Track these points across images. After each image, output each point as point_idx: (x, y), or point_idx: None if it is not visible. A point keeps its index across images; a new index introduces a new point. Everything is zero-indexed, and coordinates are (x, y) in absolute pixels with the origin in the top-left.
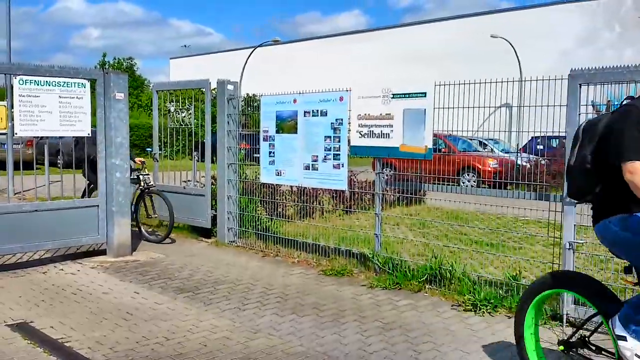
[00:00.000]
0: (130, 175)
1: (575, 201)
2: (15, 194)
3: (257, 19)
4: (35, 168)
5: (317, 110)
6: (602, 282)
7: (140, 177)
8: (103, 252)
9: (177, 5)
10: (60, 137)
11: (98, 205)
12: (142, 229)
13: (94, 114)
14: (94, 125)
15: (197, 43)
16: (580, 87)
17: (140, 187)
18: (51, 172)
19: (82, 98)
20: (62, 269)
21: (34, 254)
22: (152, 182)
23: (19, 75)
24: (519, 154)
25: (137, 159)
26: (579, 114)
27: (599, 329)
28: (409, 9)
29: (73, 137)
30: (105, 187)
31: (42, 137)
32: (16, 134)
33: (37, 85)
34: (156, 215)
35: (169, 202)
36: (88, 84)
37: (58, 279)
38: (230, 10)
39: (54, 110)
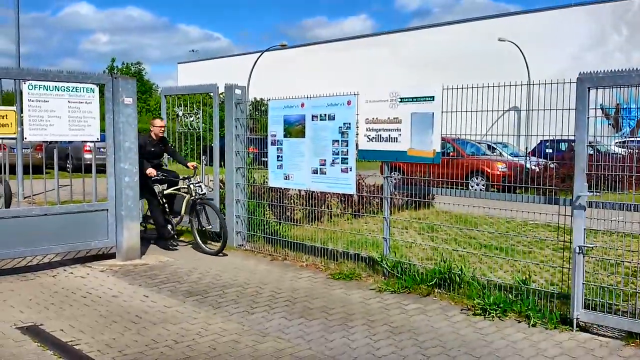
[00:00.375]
0: (181, 183)
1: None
2: (25, 198)
3: (264, 24)
4: (44, 172)
5: (325, 115)
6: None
7: (191, 187)
8: (112, 256)
9: (185, 11)
10: (70, 142)
11: (107, 210)
12: (199, 240)
13: (102, 118)
14: (102, 130)
15: (205, 48)
16: (589, 90)
17: (193, 198)
18: (60, 177)
19: (91, 103)
20: (71, 273)
21: (44, 257)
22: (204, 191)
23: (28, 80)
24: (528, 158)
25: (189, 164)
26: (588, 118)
27: None
28: (417, 13)
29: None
30: (114, 191)
31: (51, 142)
32: (25, 138)
33: (46, 90)
34: (210, 227)
35: (220, 213)
36: (97, 89)
37: (67, 282)
38: (237, 16)
39: (63, 115)
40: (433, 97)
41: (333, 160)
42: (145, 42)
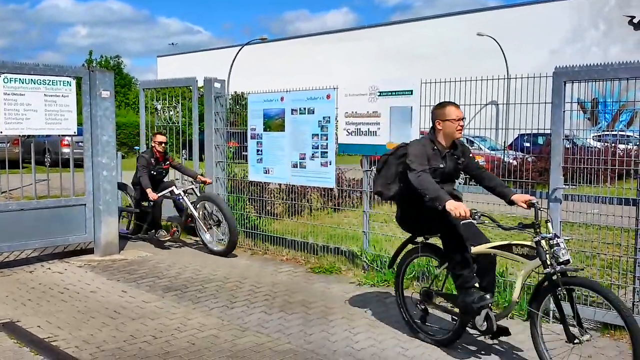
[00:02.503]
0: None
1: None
2: (2, 193)
3: (246, 17)
4: (21, 167)
5: (305, 108)
6: None
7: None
8: (90, 251)
9: (165, 4)
10: (47, 136)
11: (85, 204)
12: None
13: (80, 112)
14: (80, 123)
15: (185, 41)
16: (565, 84)
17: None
18: (38, 171)
19: (67, 96)
20: (49, 268)
21: (21, 253)
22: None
23: (4, 73)
24: (506, 151)
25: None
26: (564, 111)
27: None
28: (398, 7)
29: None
30: (92, 186)
31: (28, 136)
32: (1, 132)
33: (22, 83)
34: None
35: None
36: (74, 82)
37: (45, 277)
38: (219, 9)
39: (39, 108)
40: (411, 90)
41: (313, 154)
42: (125, 35)
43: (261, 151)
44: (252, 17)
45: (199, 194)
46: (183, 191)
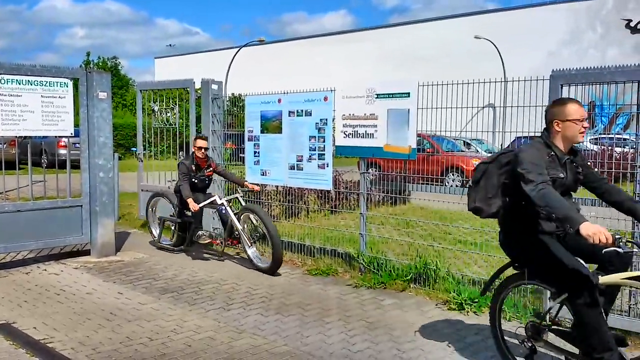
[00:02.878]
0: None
1: None
2: None
3: (244, 19)
4: (17, 168)
5: (302, 110)
6: None
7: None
8: (87, 253)
9: (164, 5)
10: (44, 137)
11: (81, 206)
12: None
13: (77, 113)
14: (76, 124)
15: (183, 43)
16: (561, 87)
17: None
18: (34, 172)
19: (64, 97)
20: (45, 270)
21: (17, 254)
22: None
23: (1, 74)
24: None
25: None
26: None
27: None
28: (396, 10)
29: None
30: (88, 187)
31: (25, 137)
32: None
33: (19, 84)
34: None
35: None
36: (70, 84)
37: (41, 279)
38: (217, 10)
39: (36, 109)
40: (409, 93)
41: (310, 156)
42: (123, 37)
43: (258, 153)
44: (251, 19)
45: (243, 204)
46: (227, 201)
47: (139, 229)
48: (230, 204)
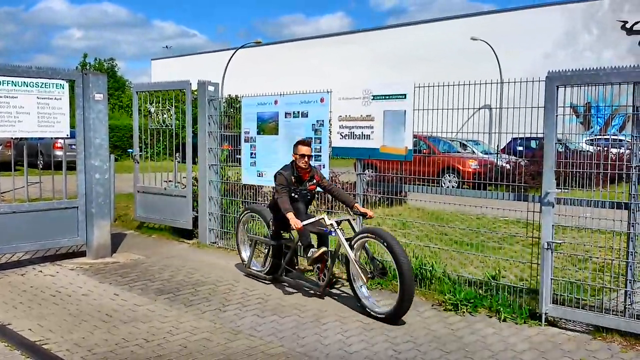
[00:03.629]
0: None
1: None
2: None
3: (241, 21)
4: (13, 169)
5: (298, 112)
6: None
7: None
8: (83, 254)
9: (161, 7)
10: (40, 139)
11: (77, 207)
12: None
13: (73, 115)
14: (72, 126)
15: (181, 44)
16: (557, 89)
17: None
18: (30, 174)
19: (60, 99)
20: (40, 271)
21: (13, 255)
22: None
23: None
24: (499, 155)
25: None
26: (557, 116)
27: None
28: (393, 12)
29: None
30: (84, 189)
31: (21, 138)
32: None
33: (15, 86)
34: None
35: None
36: (67, 85)
37: (37, 280)
38: (214, 12)
39: (32, 111)
40: (405, 94)
41: None
42: (121, 38)
43: (255, 154)
44: (248, 21)
45: (356, 229)
46: (336, 222)
47: (134, 231)
48: (340, 226)
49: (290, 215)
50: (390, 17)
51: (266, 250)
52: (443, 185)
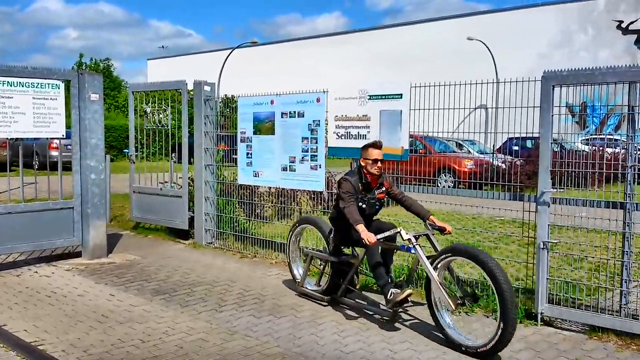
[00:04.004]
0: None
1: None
2: None
3: (237, 21)
4: (9, 170)
5: (295, 112)
6: None
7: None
8: (78, 255)
9: (157, 7)
10: (36, 139)
11: (73, 208)
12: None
13: (68, 115)
14: (68, 126)
15: (177, 44)
16: (553, 88)
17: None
18: (26, 174)
19: (56, 99)
20: (36, 272)
21: (8, 256)
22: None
23: None
24: (495, 155)
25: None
26: (553, 115)
27: None
28: (389, 12)
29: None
30: (80, 189)
31: (16, 139)
32: None
33: (10, 86)
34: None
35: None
36: (62, 85)
37: (32, 281)
38: (210, 12)
39: (27, 111)
40: (401, 94)
41: (302, 158)
42: (116, 38)
43: (251, 154)
44: (244, 21)
45: (437, 246)
46: (414, 237)
47: (130, 231)
48: (418, 241)
49: (361, 228)
50: (386, 17)
51: (321, 266)
52: (439, 185)
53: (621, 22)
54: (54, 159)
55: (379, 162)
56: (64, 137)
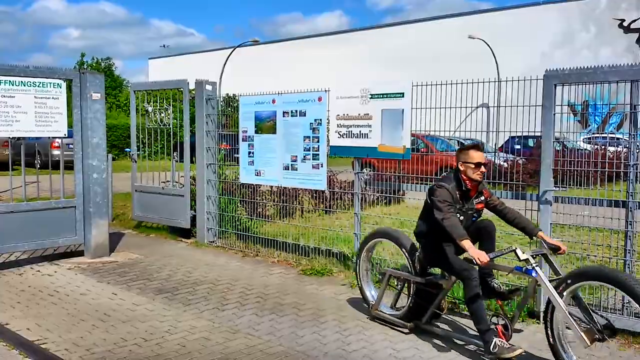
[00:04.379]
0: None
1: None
2: None
3: (239, 20)
4: (11, 169)
5: (296, 111)
6: None
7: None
8: (80, 253)
9: (159, 6)
10: (37, 138)
11: (75, 207)
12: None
13: (70, 114)
14: (70, 125)
15: (178, 43)
16: (555, 87)
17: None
18: (28, 173)
19: (58, 98)
20: (39, 271)
21: (11, 255)
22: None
23: None
24: (497, 154)
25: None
26: (554, 114)
27: None
28: (390, 10)
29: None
30: (82, 188)
31: (18, 138)
32: None
33: (12, 85)
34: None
35: None
36: (64, 84)
37: (35, 280)
38: (212, 11)
39: (29, 110)
40: (403, 93)
41: (304, 157)
42: (118, 38)
43: (252, 153)
44: (245, 20)
45: (558, 268)
46: (532, 256)
47: (132, 230)
48: (536, 262)
49: (468, 244)
50: (387, 16)
51: (398, 285)
52: None
53: (623, 20)
54: (56, 158)
55: (482, 167)
56: (66, 136)
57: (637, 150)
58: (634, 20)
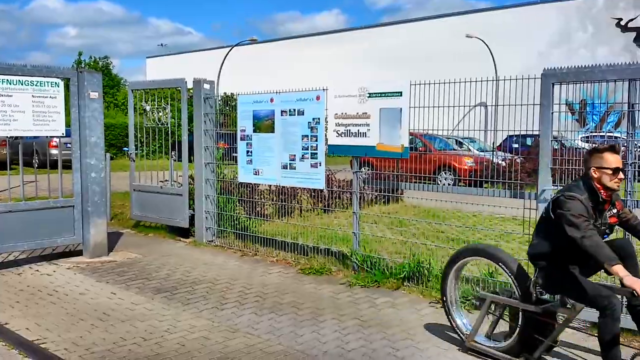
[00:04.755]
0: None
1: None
2: None
3: (237, 18)
4: (9, 168)
5: (294, 110)
6: None
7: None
8: (79, 253)
9: (156, 5)
10: (35, 137)
11: (73, 206)
12: None
13: (68, 113)
14: (68, 125)
15: (176, 42)
16: (553, 86)
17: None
18: (26, 173)
19: (55, 97)
20: (37, 270)
21: (9, 255)
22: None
23: None
24: (495, 153)
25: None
26: (552, 113)
27: None
28: (388, 9)
29: None
30: (80, 187)
31: (16, 137)
32: None
33: (10, 84)
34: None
35: None
36: (62, 83)
37: (34, 280)
38: (209, 10)
39: (27, 109)
40: (401, 92)
41: (302, 156)
42: (116, 36)
43: (251, 152)
44: (243, 19)
45: None
46: None
47: (131, 229)
48: None
49: (621, 270)
50: (385, 15)
51: (497, 312)
52: (439, 182)
53: (620, 19)
54: (54, 157)
55: (621, 172)
56: (64, 135)
57: (635, 149)
58: (632, 19)
